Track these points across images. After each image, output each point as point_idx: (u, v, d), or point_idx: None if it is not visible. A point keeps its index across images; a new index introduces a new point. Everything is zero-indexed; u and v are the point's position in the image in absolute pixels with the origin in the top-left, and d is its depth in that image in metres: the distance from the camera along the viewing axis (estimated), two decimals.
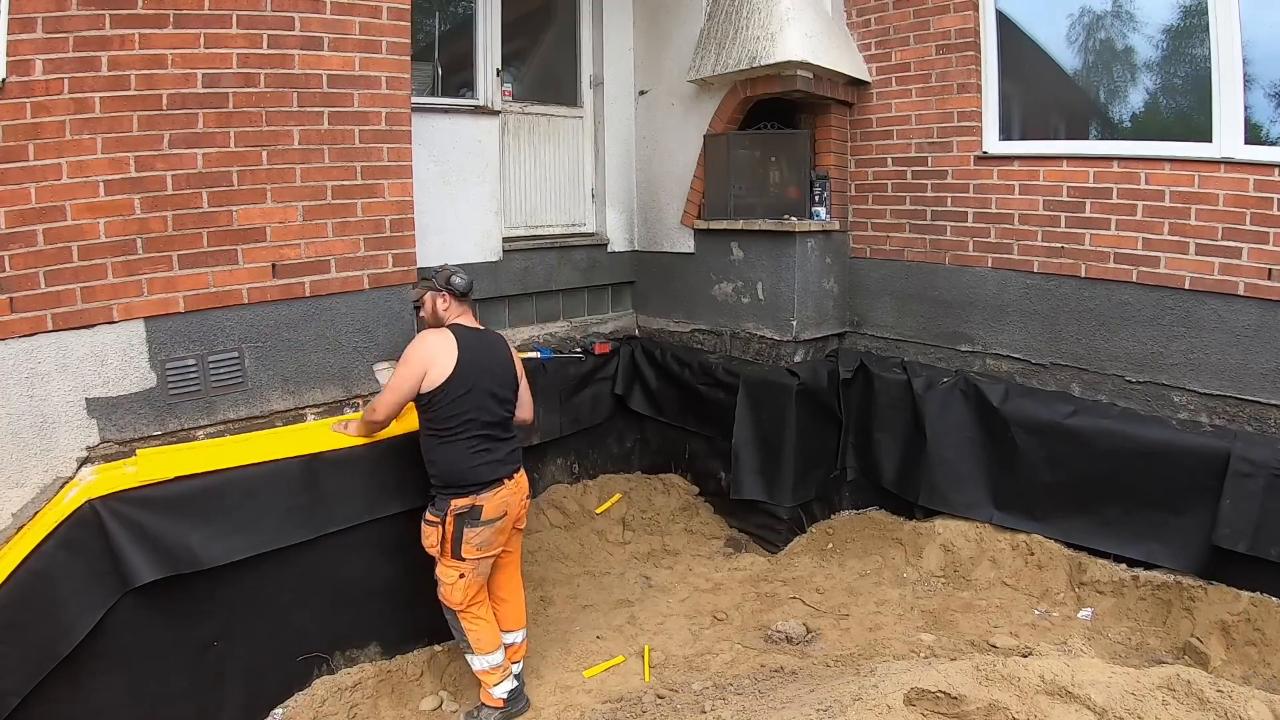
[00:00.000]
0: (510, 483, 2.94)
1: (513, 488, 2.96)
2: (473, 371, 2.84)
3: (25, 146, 2.64)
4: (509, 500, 2.93)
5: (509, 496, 2.93)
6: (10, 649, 2.46)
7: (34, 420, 2.75)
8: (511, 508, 2.95)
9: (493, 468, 2.88)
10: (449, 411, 2.83)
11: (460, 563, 2.87)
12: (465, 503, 2.84)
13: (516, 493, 2.98)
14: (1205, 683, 2.10)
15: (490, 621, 3.01)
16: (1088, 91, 3.94)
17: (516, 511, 3.01)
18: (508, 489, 2.93)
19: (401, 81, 3.42)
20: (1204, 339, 3.46)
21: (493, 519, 2.87)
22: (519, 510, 3.03)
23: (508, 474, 2.94)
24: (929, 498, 4.13)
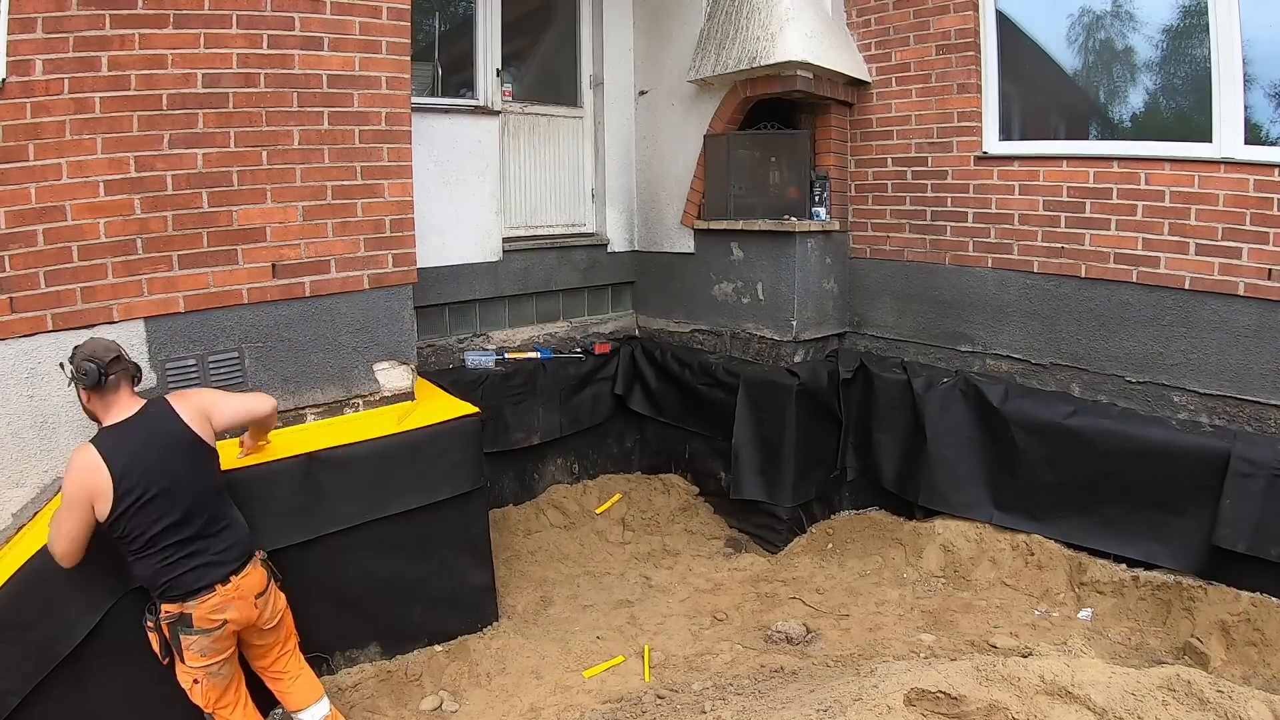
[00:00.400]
0: (225, 587, 2.43)
1: (229, 593, 2.44)
2: (142, 486, 2.32)
3: (25, 146, 2.63)
4: (223, 608, 2.43)
5: (223, 604, 2.43)
6: (10, 649, 2.46)
7: (34, 420, 2.75)
8: (234, 614, 2.45)
9: (197, 574, 2.40)
10: (136, 533, 2.34)
11: (190, 669, 2.45)
12: (173, 609, 2.40)
13: (236, 598, 2.46)
14: (1205, 683, 2.10)
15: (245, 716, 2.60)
16: (1088, 91, 3.94)
17: (245, 616, 2.49)
18: (220, 596, 2.42)
19: (401, 81, 3.42)
20: (1204, 339, 3.46)
21: (206, 629, 2.41)
22: (249, 614, 2.50)
23: (220, 578, 2.43)
24: (929, 498, 4.13)
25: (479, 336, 4.72)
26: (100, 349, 2.43)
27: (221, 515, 2.52)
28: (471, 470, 3.48)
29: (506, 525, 4.48)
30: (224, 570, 2.46)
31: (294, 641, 2.75)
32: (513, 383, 4.55)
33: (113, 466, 2.30)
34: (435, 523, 3.38)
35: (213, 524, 2.48)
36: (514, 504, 4.68)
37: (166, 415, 2.48)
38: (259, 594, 2.54)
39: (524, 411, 4.62)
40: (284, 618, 2.68)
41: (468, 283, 4.56)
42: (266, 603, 2.57)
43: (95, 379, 2.38)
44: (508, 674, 3.33)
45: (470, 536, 3.54)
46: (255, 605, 2.52)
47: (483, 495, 3.61)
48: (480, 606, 3.61)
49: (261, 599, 2.55)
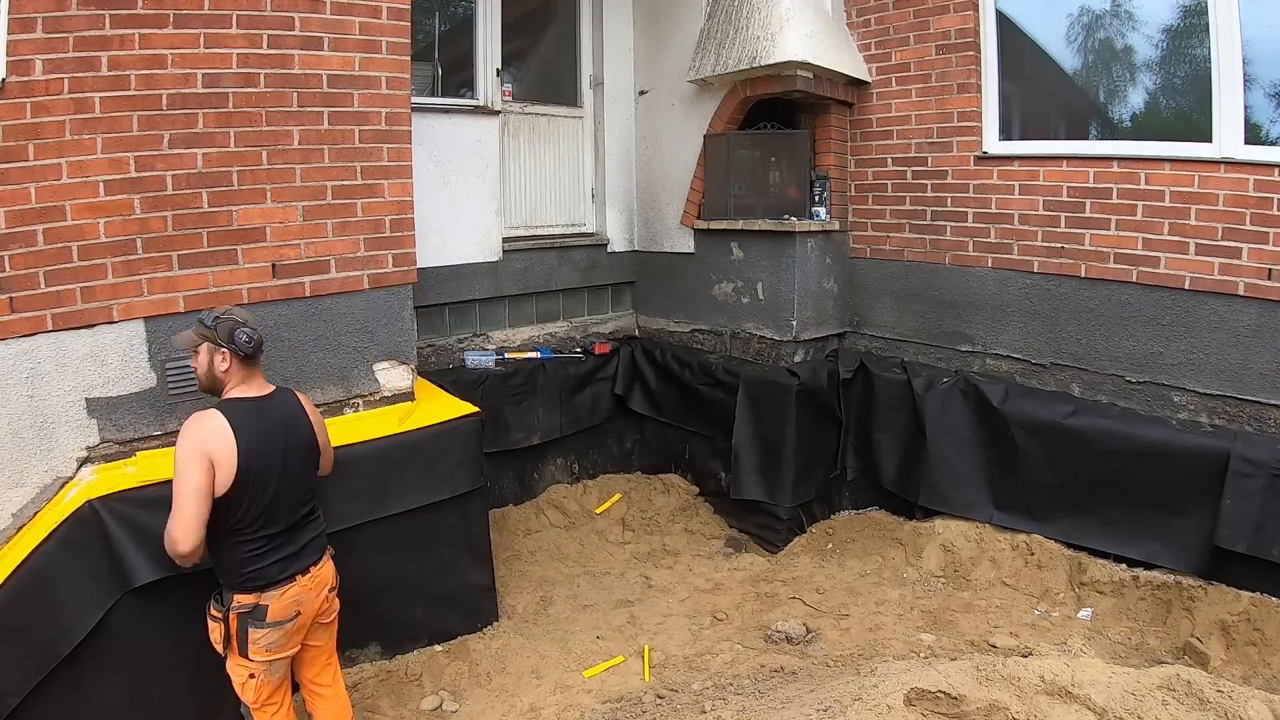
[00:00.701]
0: (305, 578, 2.44)
1: (307, 584, 2.45)
2: (262, 467, 2.32)
3: (25, 146, 2.63)
4: (301, 599, 2.44)
5: (301, 595, 2.43)
6: (10, 649, 2.46)
7: (34, 420, 2.75)
8: (307, 606, 2.46)
9: (282, 565, 2.39)
10: (236, 516, 2.31)
11: (250, 663, 2.41)
12: (249, 600, 2.36)
13: (313, 589, 2.47)
14: (1205, 683, 2.10)
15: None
16: (1088, 91, 3.94)
17: (315, 608, 2.50)
18: (300, 586, 2.43)
19: (401, 81, 3.42)
20: (1204, 339, 3.46)
21: (280, 621, 2.39)
22: (318, 605, 2.51)
23: (302, 569, 2.44)
24: (929, 498, 4.13)
25: (479, 336, 4.72)
26: (253, 320, 2.44)
27: (311, 514, 2.55)
28: (471, 470, 3.48)
29: (506, 525, 4.48)
30: (305, 562, 2.46)
31: (336, 659, 2.74)
32: (513, 383, 4.56)
33: (243, 442, 2.27)
34: (435, 523, 3.38)
35: (306, 517, 2.51)
36: (514, 504, 4.68)
37: (296, 407, 2.53)
38: (331, 587, 2.57)
39: (524, 411, 4.62)
40: (336, 625, 2.67)
41: (468, 283, 4.56)
42: (334, 597, 2.60)
43: (255, 347, 2.39)
44: (508, 674, 3.33)
45: (470, 536, 3.54)
46: (327, 598, 2.55)
47: (483, 495, 3.61)
48: (480, 606, 3.61)
49: (332, 594, 2.58)
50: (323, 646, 2.64)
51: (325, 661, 2.67)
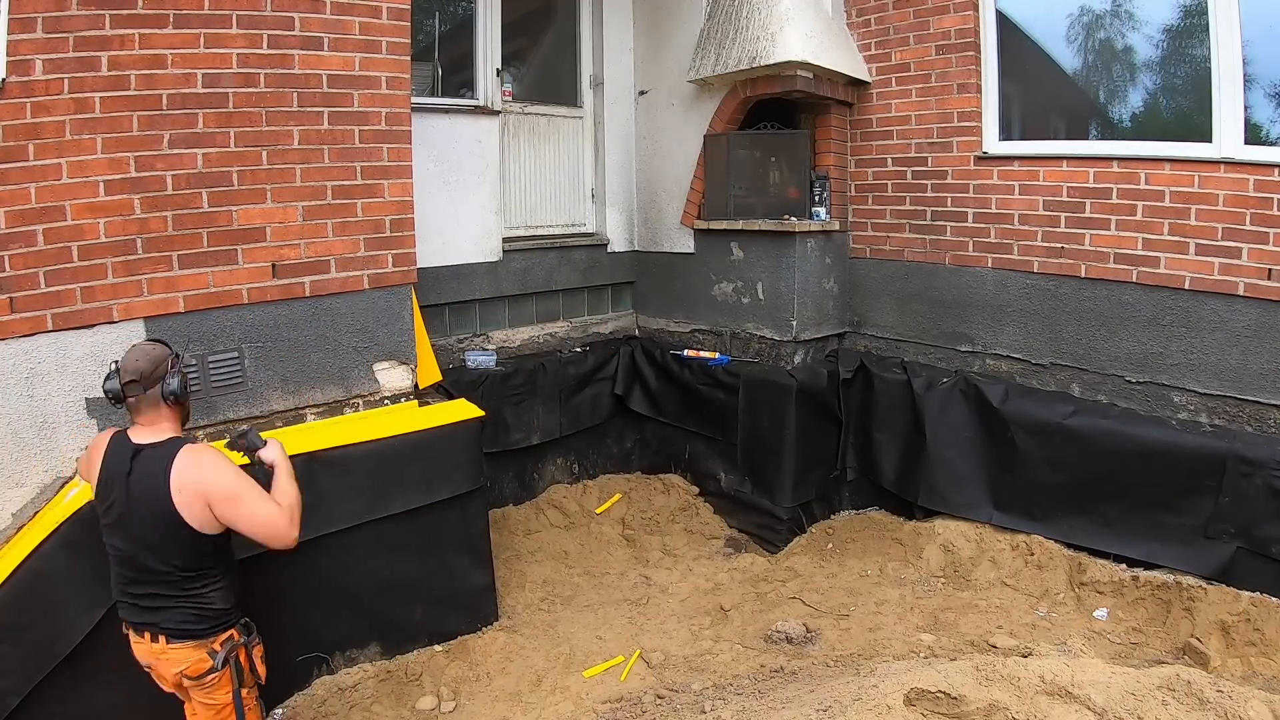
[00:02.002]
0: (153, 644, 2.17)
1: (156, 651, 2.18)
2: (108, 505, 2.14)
3: (25, 146, 2.64)
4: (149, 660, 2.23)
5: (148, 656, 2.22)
6: (10, 649, 2.46)
7: (34, 420, 2.75)
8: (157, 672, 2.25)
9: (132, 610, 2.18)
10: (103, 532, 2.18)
11: None
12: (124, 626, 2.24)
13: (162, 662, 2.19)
14: (1205, 683, 2.10)
15: None
16: (1088, 91, 3.94)
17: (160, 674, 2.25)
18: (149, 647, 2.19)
19: (401, 81, 3.42)
20: (1204, 339, 3.46)
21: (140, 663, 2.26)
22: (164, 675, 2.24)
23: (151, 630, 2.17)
24: (929, 498, 4.13)
25: (479, 336, 4.72)
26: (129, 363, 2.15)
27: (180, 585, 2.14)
28: (471, 470, 3.48)
29: (506, 525, 4.48)
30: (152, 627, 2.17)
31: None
32: (513, 383, 4.56)
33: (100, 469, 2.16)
34: (435, 523, 3.38)
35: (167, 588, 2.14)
36: (514, 504, 4.68)
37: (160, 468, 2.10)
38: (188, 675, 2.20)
39: (524, 411, 4.62)
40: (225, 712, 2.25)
41: (468, 283, 4.56)
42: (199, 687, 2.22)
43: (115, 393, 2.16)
44: (507, 674, 3.33)
45: (470, 536, 3.54)
46: (175, 677, 2.22)
47: (483, 495, 3.61)
48: (480, 606, 3.62)
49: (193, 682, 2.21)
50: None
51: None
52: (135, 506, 2.11)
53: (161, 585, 2.15)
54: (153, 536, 2.11)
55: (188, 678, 2.21)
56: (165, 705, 2.76)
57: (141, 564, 2.14)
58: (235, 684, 2.25)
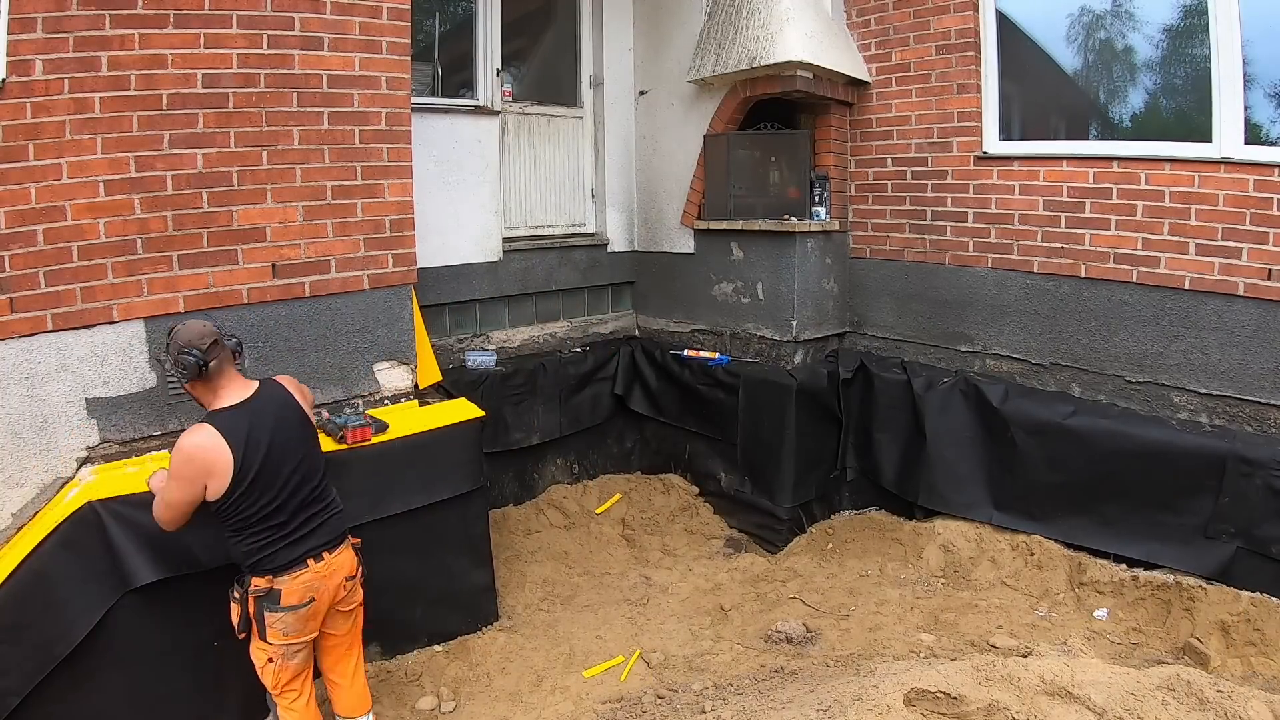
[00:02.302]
0: (317, 564, 2.43)
1: (321, 570, 2.44)
2: (260, 468, 2.33)
3: (25, 146, 2.64)
4: (314, 585, 2.43)
5: (314, 580, 2.43)
6: (10, 649, 2.46)
7: (34, 420, 2.75)
8: (321, 591, 2.45)
9: (290, 549, 2.40)
10: (243, 513, 2.35)
11: (268, 646, 2.44)
12: (263, 584, 2.39)
13: (328, 576, 2.46)
14: (1205, 683, 2.10)
15: (310, 710, 2.58)
16: (1088, 91, 3.94)
17: (331, 594, 2.50)
18: (312, 572, 2.42)
19: (401, 81, 3.42)
20: (1204, 339, 3.46)
21: (294, 605, 2.41)
22: (335, 594, 2.51)
23: (313, 554, 2.43)
24: (929, 498, 4.13)
25: (479, 336, 4.72)
26: (194, 335, 2.35)
27: (325, 493, 2.55)
28: (471, 470, 3.48)
29: (506, 525, 4.47)
30: (319, 546, 2.46)
31: (358, 648, 2.73)
32: (513, 383, 4.56)
33: (235, 447, 2.28)
34: (435, 523, 3.37)
35: (317, 502, 2.49)
36: (514, 504, 4.68)
37: (282, 396, 2.50)
38: (349, 576, 2.55)
39: (524, 411, 4.62)
40: (358, 613, 2.67)
41: (468, 283, 4.56)
42: (354, 586, 2.59)
43: (195, 371, 2.33)
44: (507, 674, 3.33)
45: (470, 536, 3.54)
46: (344, 586, 2.54)
47: (483, 495, 3.61)
48: (480, 606, 3.62)
49: (351, 582, 2.57)
50: (342, 636, 2.64)
51: (344, 651, 2.68)
52: (288, 439, 2.43)
53: (318, 490, 2.52)
54: (307, 455, 2.50)
55: (349, 579, 2.55)
56: (165, 705, 2.77)
57: (306, 482, 2.47)
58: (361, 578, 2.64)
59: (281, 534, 2.39)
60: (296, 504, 2.43)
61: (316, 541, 2.46)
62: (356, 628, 2.69)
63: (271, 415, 2.42)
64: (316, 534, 2.47)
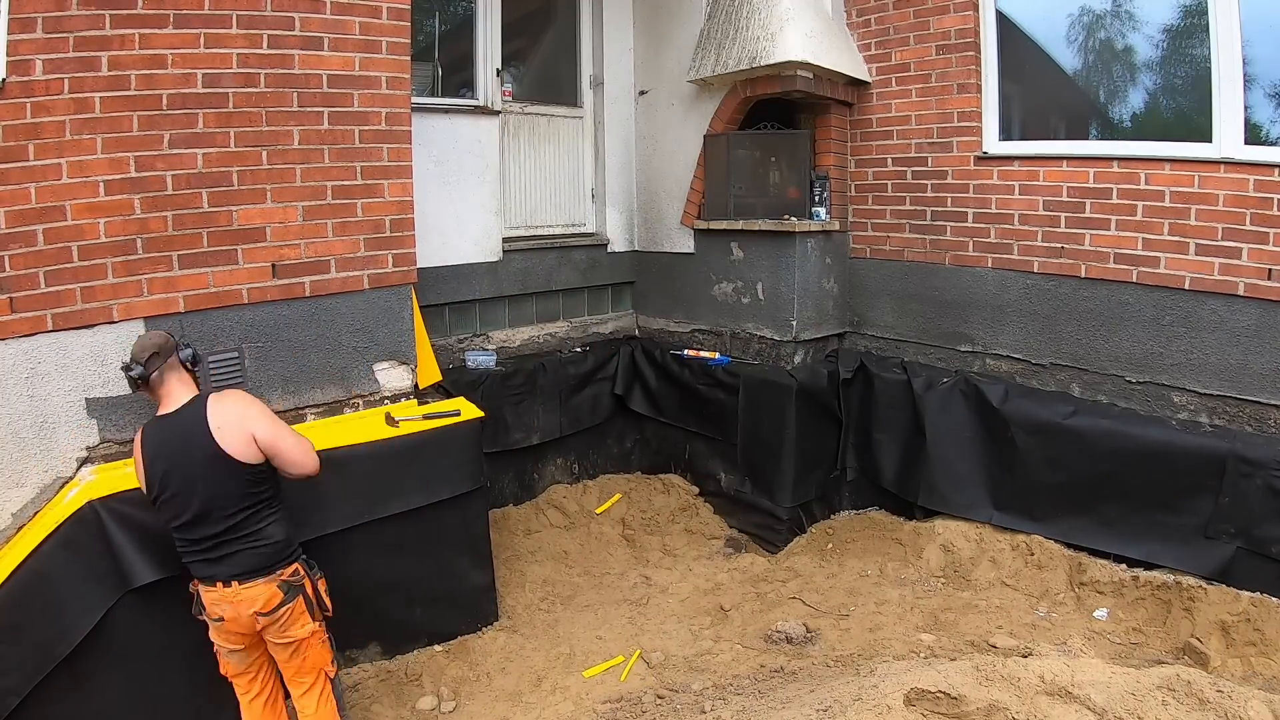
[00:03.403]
0: (226, 589, 2.39)
1: (229, 595, 2.39)
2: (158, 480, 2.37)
3: (25, 146, 2.64)
4: (220, 606, 2.41)
5: (220, 601, 2.40)
6: (10, 649, 2.46)
7: (34, 420, 2.75)
8: (231, 617, 2.41)
9: (200, 566, 2.42)
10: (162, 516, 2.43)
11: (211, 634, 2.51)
12: (194, 586, 2.47)
13: (235, 604, 2.40)
14: (1205, 683, 2.10)
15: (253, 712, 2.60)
16: (1088, 91, 3.94)
17: (246, 624, 2.43)
18: (219, 593, 2.40)
19: (401, 81, 3.42)
20: (1204, 339, 3.46)
21: (212, 617, 2.44)
22: (249, 624, 2.43)
23: (221, 578, 2.39)
24: (929, 498, 4.13)
25: (479, 336, 4.72)
26: (139, 348, 2.44)
27: (242, 526, 2.41)
28: (471, 470, 3.48)
29: (506, 525, 4.48)
30: (226, 573, 2.40)
31: (311, 677, 2.59)
32: (513, 383, 4.56)
33: (145, 457, 2.41)
34: (435, 523, 3.38)
35: (229, 532, 2.39)
36: (514, 504, 4.68)
37: (196, 420, 2.39)
38: (261, 612, 2.42)
39: (524, 411, 4.62)
40: (300, 649, 2.53)
41: (468, 283, 4.56)
42: (273, 623, 2.45)
43: (132, 385, 2.45)
44: (507, 674, 3.33)
45: (470, 536, 3.54)
46: (255, 620, 2.43)
47: (483, 495, 3.61)
48: (480, 606, 3.62)
49: (265, 618, 2.44)
50: (285, 663, 2.56)
51: (290, 677, 2.60)
52: (187, 461, 2.36)
53: (226, 530, 2.40)
54: (209, 481, 2.37)
55: (261, 614, 2.43)
56: (165, 705, 2.77)
57: (206, 515, 2.38)
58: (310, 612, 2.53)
59: (196, 548, 2.41)
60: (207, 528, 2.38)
61: (224, 569, 2.40)
62: (305, 663, 2.56)
63: (177, 435, 2.39)
64: (224, 562, 2.40)
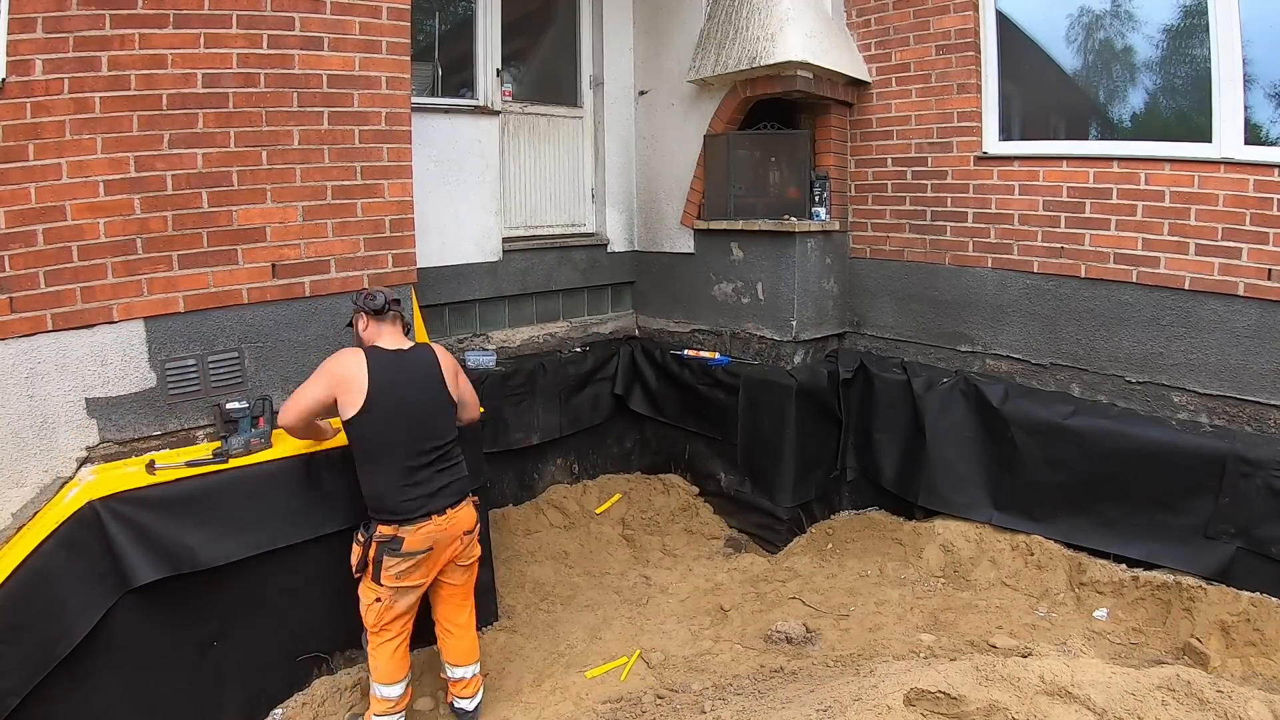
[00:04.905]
0: (440, 518, 2.73)
1: (443, 523, 2.74)
2: (390, 401, 2.66)
3: (25, 146, 2.64)
4: (436, 536, 2.73)
5: (436, 532, 2.72)
6: (10, 649, 2.46)
7: (34, 420, 2.75)
8: (440, 543, 2.75)
9: (419, 502, 2.69)
10: (370, 442, 2.69)
11: (379, 587, 2.71)
12: (389, 531, 2.69)
13: (448, 529, 2.76)
14: (1205, 683, 2.10)
15: (397, 656, 2.81)
16: (1088, 92, 3.94)
17: (449, 547, 2.79)
18: (435, 525, 2.72)
19: (401, 81, 3.42)
20: (1204, 339, 3.46)
21: (415, 551, 2.69)
22: (453, 546, 2.81)
23: (437, 509, 2.73)
24: (929, 498, 4.13)
25: (479, 336, 4.72)
26: (388, 289, 2.89)
27: (451, 455, 2.82)
28: (471, 470, 3.47)
29: (506, 525, 4.48)
30: (441, 503, 2.73)
31: (471, 601, 3.01)
32: (513, 383, 4.56)
33: (376, 379, 2.65)
34: None
35: (441, 461, 2.77)
36: (514, 504, 4.68)
37: (430, 360, 2.84)
38: (467, 530, 2.83)
39: (524, 411, 4.62)
40: (474, 567, 2.96)
41: (468, 283, 4.56)
42: (471, 541, 2.87)
43: (381, 304, 2.81)
44: (507, 674, 3.33)
45: None
46: (461, 540, 2.82)
47: (482, 495, 3.60)
48: (480, 606, 3.59)
49: (468, 536, 2.85)
50: (459, 587, 2.94)
51: (459, 602, 2.97)
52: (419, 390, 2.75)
53: (444, 450, 2.79)
54: (436, 412, 2.79)
55: (467, 533, 2.84)
56: (165, 705, 2.77)
57: (432, 438, 2.75)
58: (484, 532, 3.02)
59: (410, 481, 2.67)
60: (421, 455, 2.71)
61: (440, 497, 2.73)
62: (471, 580, 2.98)
63: (415, 370, 2.78)
64: (441, 492, 2.74)
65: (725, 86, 4.59)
